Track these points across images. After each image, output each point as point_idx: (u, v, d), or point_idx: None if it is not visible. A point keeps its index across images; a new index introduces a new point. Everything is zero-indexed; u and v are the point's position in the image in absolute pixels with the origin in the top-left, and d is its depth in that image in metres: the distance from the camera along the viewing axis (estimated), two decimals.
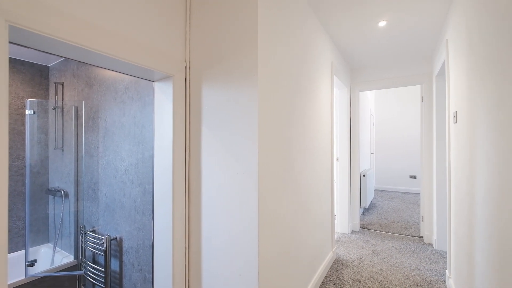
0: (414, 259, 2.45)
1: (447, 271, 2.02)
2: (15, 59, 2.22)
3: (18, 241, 2.17)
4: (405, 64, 3.04)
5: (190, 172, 1.40)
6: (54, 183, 2.23)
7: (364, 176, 4.02)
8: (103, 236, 1.76)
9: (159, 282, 1.36)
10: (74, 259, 2.02)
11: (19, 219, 2.19)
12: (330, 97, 2.46)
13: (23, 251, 2.15)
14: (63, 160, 2.14)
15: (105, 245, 1.68)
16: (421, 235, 3.03)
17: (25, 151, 2.18)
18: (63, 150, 2.14)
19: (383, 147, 6.07)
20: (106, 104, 1.82)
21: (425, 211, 2.94)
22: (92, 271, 1.82)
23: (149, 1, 1.21)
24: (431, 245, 2.79)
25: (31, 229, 2.20)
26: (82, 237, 1.89)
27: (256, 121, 1.18)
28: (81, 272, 1.90)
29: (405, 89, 5.87)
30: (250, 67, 1.20)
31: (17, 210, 2.18)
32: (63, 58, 1.98)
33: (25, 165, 2.19)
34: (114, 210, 1.75)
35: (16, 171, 2.17)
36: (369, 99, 5.36)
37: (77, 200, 2.00)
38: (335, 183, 3.28)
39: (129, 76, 1.56)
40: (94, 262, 1.86)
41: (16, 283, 1.78)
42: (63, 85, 2.16)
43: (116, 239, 1.73)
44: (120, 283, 1.71)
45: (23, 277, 1.81)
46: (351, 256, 2.54)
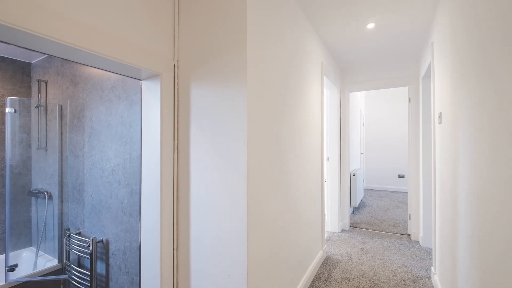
0: (401, 257, 2.50)
1: (432, 267, 2.07)
2: None
3: None
4: (393, 66, 3.10)
5: (178, 172, 1.38)
6: (37, 184, 2.15)
7: (354, 175, 4.08)
8: (88, 238, 1.71)
9: (146, 284, 1.33)
10: (58, 262, 1.96)
11: None
12: (320, 98, 2.48)
13: (3, 256, 2.07)
14: (46, 160, 2.07)
15: (91, 248, 1.63)
16: (409, 232, 3.10)
17: (5, 151, 2.10)
18: (46, 150, 2.07)
19: (373, 147, 6.18)
20: (92, 102, 1.77)
21: (412, 210, 3.01)
22: (77, 275, 1.77)
23: None
24: (418, 242, 2.86)
25: (12, 233, 2.12)
26: (66, 240, 1.83)
27: (245, 121, 1.17)
28: (66, 276, 1.84)
29: (395, 90, 6.00)
30: (239, 67, 1.19)
31: None
32: (47, 55, 1.92)
33: (5, 166, 2.11)
34: (100, 211, 1.71)
35: None
36: (359, 100, 5.45)
37: (62, 201, 1.94)
38: (326, 183, 3.31)
39: (116, 74, 1.52)
40: (79, 265, 1.81)
41: None
42: (46, 82, 2.09)
43: (102, 241, 1.68)
44: (106, 287, 1.67)
45: (3, 283, 1.74)
46: (340, 254, 2.57)
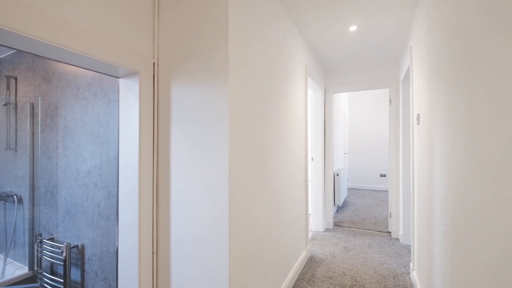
0: (382, 254, 2.57)
1: (411, 264, 2.14)
2: None
3: None
4: (375, 68, 3.19)
5: (158, 173, 1.33)
6: (5, 187, 2.02)
7: (338, 175, 4.15)
8: (62, 244, 1.62)
9: None
10: (29, 270, 1.84)
11: None
12: (304, 98, 2.50)
13: None
14: (16, 162, 1.94)
15: (65, 254, 1.55)
16: (389, 230, 3.20)
17: None
18: (16, 150, 1.94)
19: (356, 148, 6.33)
20: (66, 101, 1.68)
21: (392, 208, 3.10)
22: (49, 283, 1.67)
23: None
24: (398, 239, 2.96)
25: None
26: (38, 246, 1.72)
27: (227, 121, 1.15)
28: (37, 284, 1.74)
29: (377, 92, 6.18)
30: (221, 66, 1.17)
31: None
32: (15, 50, 1.80)
33: None
34: (75, 215, 1.62)
35: None
36: (343, 101, 5.56)
37: (33, 205, 1.83)
38: (310, 183, 3.35)
39: (92, 71, 1.45)
40: (52, 273, 1.71)
41: None
42: (16, 79, 1.96)
43: (77, 246, 1.60)
44: None
45: None
46: (324, 253, 2.60)
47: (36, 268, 1.76)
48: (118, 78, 1.33)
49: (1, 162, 2.05)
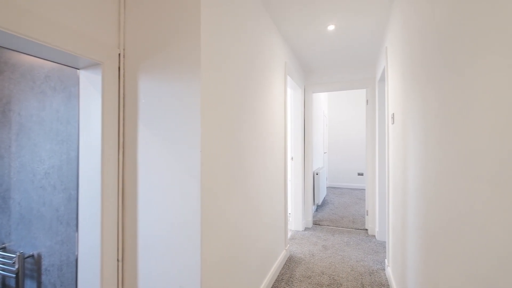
0: (359, 251, 2.61)
1: (386, 260, 2.19)
2: None
3: None
4: (353, 69, 3.25)
5: (124, 173, 1.23)
6: None
7: (317, 174, 4.20)
8: (14, 254, 1.46)
9: None
10: None
11: None
12: (284, 97, 2.47)
13: None
14: None
15: (17, 266, 1.38)
16: (366, 227, 3.27)
17: None
18: None
19: (336, 147, 6.47)
20: (20, 95, 1.51)
21: (369, 206, 3.18)
22: None
23: None
24: (374, 236, 3.03)
25: None
26: None
27: (198, 118, 1.08)
28: None
29: (356, 93, 6.35)
30: (192, 58, 1.09)
31: None
32: None
33: None
34: (30, 221, 1.46)
35: None
36: (323, 101, 5.65)
37: None
38: (290, 182, 3.34)
39: (50, 62, 1.31)
40: (3, 286, 1.53)
41: None
42: None
43: (33, 256, 1.44)
44: None
45: None
46: (303, 253, 2.60)
47: None
48: (78, 69, 1.21)
49: None
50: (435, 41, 0.98)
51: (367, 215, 3.21)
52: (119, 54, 1.22)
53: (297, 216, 3.27)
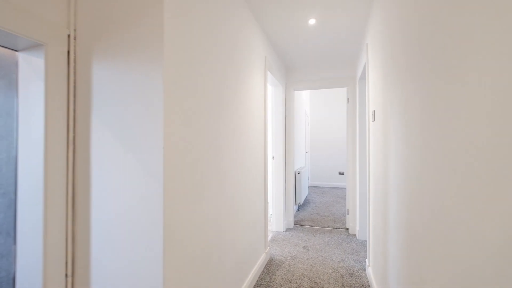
0: (340, 251, 2.57)
1: (367, 260, 2.16)
2: None
3: None
4: (334, 67, 3.22)
5: (75, 174, 1.06)
6: None
7: (299, 173, 4.15)
8: None
9: None
10: None
11: None
12: (264, 93, 2.37)
13: None
14: None
15: None
16: (347, 226, 3.26)
17: None
18: None
19: (317, 146, 6.49)
20: None
21: (350, 205, 3.16)
22: None
23: None
24: (355, 235, 3.02)
25: None
26: None
27: (160, 112, 0.94)
28: None
29: (337, 92, 6.41)
30: (154, 45, 0.95)
31: None
32: None
33: None
34: None
35: None
36: (305, 100, 5.64)
37: None
38: (271, 182, 3.25)
39: None
40: None
41: None
42: None
43: None
44: None
45: None
46: (284, 255, 2.51)
47: None
48: (17, 51, 1.02)
49: None
50: (416, 37, 0.92)
51: (348, 214, 3.20)
52: (69, 35, 1.05)
53: (278, 216, 3.18)
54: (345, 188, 6.14)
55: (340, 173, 6.29)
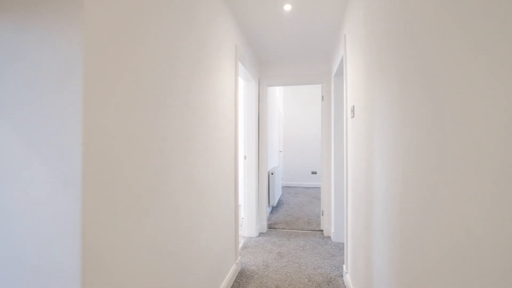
0: (316, 256, 2.43)
1: (344, 266, 2.03)
2: None
3: None
4: (309, 61, 3.08)
5: None
6: None
7: (272, 174, 3.98)
8: None
9: None
10: None
11: None
12: (234, 86, 2.13)
13: None
14: None
15: None
16: (322, 228, 3.15)
17: None
18: None
19: (290, 145, 6.41)
20: None
21: (325, 206, 3.05)
22: None
23: None
24: (330, 237, 2.91)
25: None
26: None
27: (79, 92, 0.65)
28: None
29: (310, 90, 6.38)
30: None
31: None
32: None
33: None
34: None
35: None
36: (278, 98, 5.50)
37: None
38: (242, 183, 3.01)
39: None
40: None
41: None
42: None
43: None
44: None
45: None
46: (257, 264, 2.29)
47: None
48: None
49: None
50: (402, 27, 0.75)
51: (323, 215, 3.09)
52: None
53: (250, 221, 2.96)
54: (318, 187, 6.14)
55: (313, 173, 6.27)
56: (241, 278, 2.05)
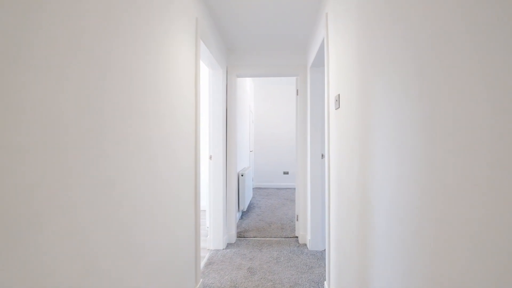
0: (292, 270, 2.12)
1: (326, 283, 1.74)
2: None
3: None
4: (283, 49, 2.78)
5: None
6: None
7: (242, 175, 3.62)
8: None
9: None
10: None
11: None
12: (195, 72, 1.72)
13: None
14: None
15: None
16: (296, 235, 2.87)
17: None
18: None
19: (261, 144, 6.11)
20: None
21: (300, 209, 2.78)
22: None
23: None
24: (306, 245, 2.63)
25: None
26: None
27: None
28: None
29: (282, 87, 6.14)
30: None
31: None
32: None
33: None
34: None
35: None
36: (249, 94, 5.16)
37: None
38: (208, 187, 2.60)
39: None
40: None
41: None
42: None
43: None
44: None
45: None
46: (223, 284, 1.91)
47: None
48: None
49: None
50: None
51: (297, 220, 2.81)
52: None
53: (217, 230, 2.56)
54: (291, 188, 5.94)
55: (285, 173, 6.05)
56: None
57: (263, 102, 6.15)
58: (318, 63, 2.40)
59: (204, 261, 2.29)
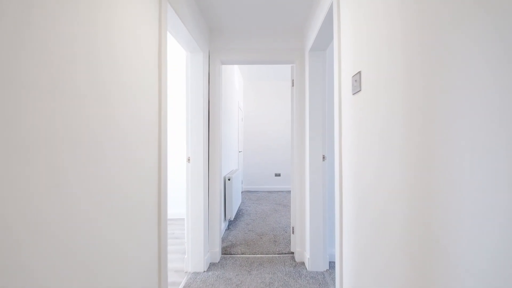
0: None
1: None
2: None
3: None
4: (277, 33, 2.35)
5: None
6: None
7: (229, 180, 3.17)
8: None
9: None
10: None
11: None
12: (158, 49, 1.25)
13: None
14: None
15: None
16: (292, 250, 2.44)
17: None
18: None
19: (251, 145, 5.67)
20: None
21: (296, 220, 2.35)
22: None
23: None
24: (303, 265, 2.21)
25: None
26: None
27: None
28: None
29: (274, 82, 5.72)
30: None
31: None
32: None
33: None
34: None
35: None
36: (237, 89, 4.71)
37: None
38: (186, 196, 2.13)
39: None
40: None
41: None
42: None
43: None
44: None
45: None
46: None
47: None
48: None
49: None
50: None
51: (293, 233, 2.38)
52: None
53: (197, 248, 2.09)
54: (283, 191, 5.52)
55: (276, 175, 5.63)
56: None
57: (253, 98, 5.71)
58: (320, 45, 1.98)
59: None
